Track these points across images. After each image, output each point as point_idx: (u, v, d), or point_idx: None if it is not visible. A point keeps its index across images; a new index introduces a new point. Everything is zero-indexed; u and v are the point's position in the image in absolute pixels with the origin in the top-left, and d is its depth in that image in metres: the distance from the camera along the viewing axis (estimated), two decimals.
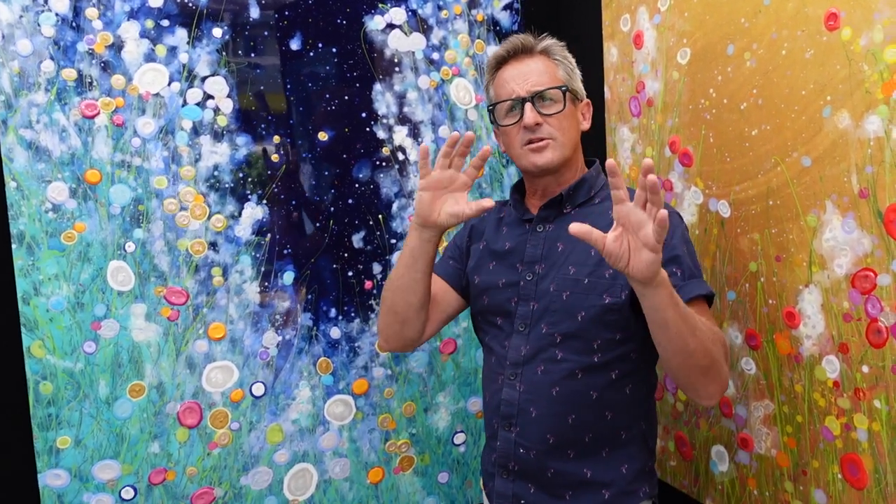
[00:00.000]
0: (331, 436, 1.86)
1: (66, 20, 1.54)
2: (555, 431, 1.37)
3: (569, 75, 1.45)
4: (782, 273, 1.40)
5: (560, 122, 1.41)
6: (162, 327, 1.66)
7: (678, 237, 1.34)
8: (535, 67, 1.42)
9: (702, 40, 1.54)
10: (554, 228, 1.44)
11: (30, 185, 1.53)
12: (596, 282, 1.36)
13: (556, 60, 1.45)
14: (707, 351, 1.21)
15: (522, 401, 1.40)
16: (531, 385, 1.39)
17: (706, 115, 1.54)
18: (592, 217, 1.40)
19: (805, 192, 1.33)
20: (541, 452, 1.39)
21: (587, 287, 1.36)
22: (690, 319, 1.18)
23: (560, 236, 1.42)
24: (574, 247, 1.39)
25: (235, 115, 1.71)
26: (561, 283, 1.38)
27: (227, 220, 1.71)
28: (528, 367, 1.40)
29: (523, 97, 1.40)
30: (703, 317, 1.29)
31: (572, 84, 1.44)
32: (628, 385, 1.39)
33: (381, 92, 1.86)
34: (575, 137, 1.44)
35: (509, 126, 1.43)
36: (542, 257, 1.43)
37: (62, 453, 1.58)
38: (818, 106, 1.28)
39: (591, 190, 1.46)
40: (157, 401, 1.67)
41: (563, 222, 1.43)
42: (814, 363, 1.35)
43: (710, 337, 1.23)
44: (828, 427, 1.34)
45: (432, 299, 1.55)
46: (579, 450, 1.38)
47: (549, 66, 1.43)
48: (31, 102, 1.52)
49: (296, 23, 1.77)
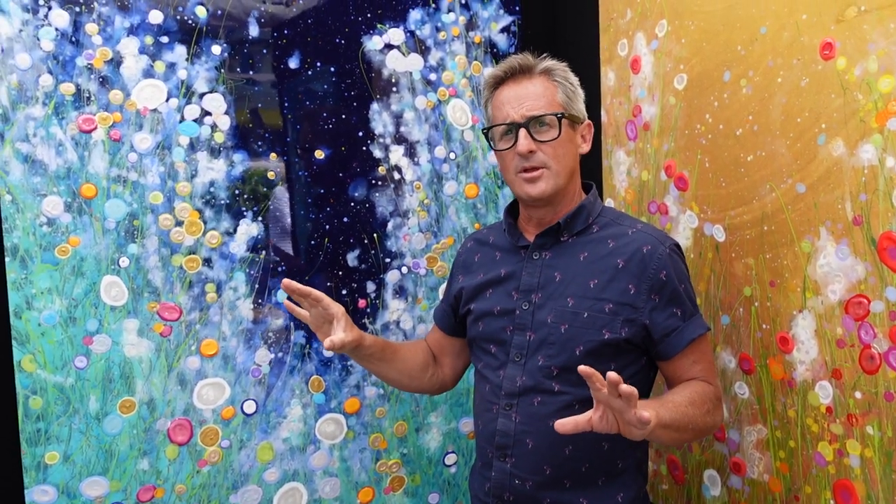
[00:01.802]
0: (321, 455, 1.84)
1: (65, 35, 1.54)
2: (552, 462, 1.36)
3: (569, 98, 1.41)
4: (776, 298, 1.41)
5: (555, 150, 1.38)
6: (154, 343, 1.65)
7: (675, 277, 1.36)
8: (533, 91, 1.39)
9: (698, 66, 1.55)
10: (551, 257, 1.42)
11: (25, 199, 1.52)
12: (596, 316, 1.34)
13: (556, 82, 1.41)
14: (702, 430, 1.31)
15: (518, 432, 1.38)
16: (527, 416, 1.37)
17: (702, 141, 1.56)
18: (591, 246, 1.39)
19: (799, 218, 1.34)
20: (537, 483, 1.37)
21: (586, 321, 1.34)
22: (685, 421, 1.25)
23: (558, 265, 1.40)
24: (573, 277, 1.38)
25: (233, 132, 1.71)
26: (559, 316, 1.36)
27: (221, 236, 1.71)
28: (525, 399, 1.38)
29: (518, 122, 1.37)
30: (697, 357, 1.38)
31: (571, 108, 1.41)
32: None
33: (378, 111, 1.87)
34: (570, 165, 1.42)
35: (504, 151, 1.41)
36: (539, 286, 1.40)
37: (50, 469, 1.56)
38: (813, 134, 1.29)
39: (588, 217, 1.43)
40: (148, 417, 1.65)
41: (561, 250, 1.42)
42: (807, 388, 1.36)
43: (704, 412, 1.30)
44: (820, 453, 1.34)
45: (440, 347, 1.65)
46: (576, 479, 1.37)
47: (549, 89, 1.40)
48: (28, 116, 1.52)
49: (294, 42, 1.78)
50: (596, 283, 1.36)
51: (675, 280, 1.35)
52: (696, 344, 1.37)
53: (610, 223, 1.43)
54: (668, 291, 1.34)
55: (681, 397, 1.28)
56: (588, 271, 1.37)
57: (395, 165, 1.90)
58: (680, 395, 1.29)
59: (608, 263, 1.36)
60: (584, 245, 1.40)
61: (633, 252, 1.35)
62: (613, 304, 1.34)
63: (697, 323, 1.37)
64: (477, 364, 1.52)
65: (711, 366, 1.41)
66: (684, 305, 1.36)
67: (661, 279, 1.34)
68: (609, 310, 1.34)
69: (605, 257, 1.37)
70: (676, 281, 1.35)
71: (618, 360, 1.35)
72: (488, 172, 2.00)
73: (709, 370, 1.39)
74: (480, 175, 1.99)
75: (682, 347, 1.35)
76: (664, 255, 1.35)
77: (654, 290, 1.34)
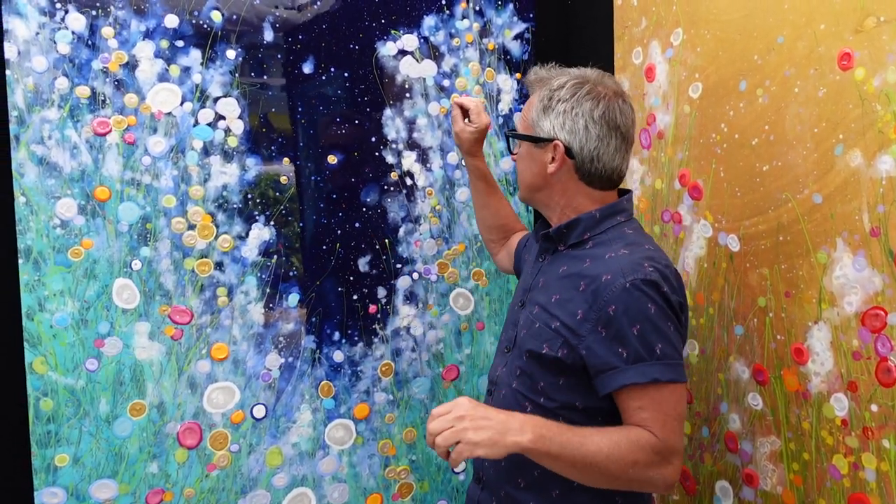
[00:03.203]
0: (330, 460, 1.84)
1: (81, 38, 1.55)
2: (511, 456, 1.25)
3: (543, 114, 1.37)
4: (791, 309, 1.40)
5: (518, 164, 1.48)
6: (165, 346, 1.65)
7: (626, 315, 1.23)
8: (528, 104, 1.45)
9: (714, 75, 1.55)
10: (547, 263, 1.44)
11: (39, 201, 1.52)
12: (543, 329, 1.34)
13: (542, 100, 1.38)
14: (626, 480, 1.22)
15: None
16: (496, 404, 1.40)
17: (717, 150, 1.55)
18: (572, 261, 1.36)
19: (816, 228, 1.33)
20: (497, 471, 1.41)
21: (536, 332, 1.35)
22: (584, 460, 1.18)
23: (546, 272, 1.43)
24: (546, 288, 1.39)
25: (246, 136, 1.71)
26: (525, 320, 1.41)
27: (233, 240, 1.71)
28: (497, 388, 1.45)
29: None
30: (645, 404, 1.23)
31: (536, 126, 1.38)
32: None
33: (391, 117, 1.87)
34: (529, 180, 1.43)
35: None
36: (531, 288, 1.45)
37: (60, 471, 1.56)
38: (830, 144, 1.29)
39: (584, 232, 1.37)
40: (158, 420, 1.65)
41: (554, 258, 1.42)
42: (822, 400, 1.35)
43: (627, 462, 1.19)
44: (835, 465, 1.33)
45: (511, 242, 1.81)
46: (529, 481, 1.36)
47: (532, 104, 1.42)
48: (43, 118, 1.52)
49: (309, 47, 1.78)
50: (556, 299, 1.34)
51: (622, 318, 1.23)
52: (641, 391, 1.23)
53: (605, 242, 1.35)
54: (613, 328, 1.24)
55: (594, 434, 1.20)
56: (556, 285, 1.36)
57: (408, 171, 1.89)
58: (594, 433, 1.21)
59: (573, 283, 1.32)
60: (569, 259, 1.37)
61: (594, 277, 1.28)
62: (560, 324, 1.31)
63: (643, 371, 1.22)
64: None
65: (666, 418, 1.23)
66: (630, 347, 1.23)
67: (608, 313, 1.24)
68: (555, 327, 1.31)
69: (573, 276, 1.33)
70: (625, 319, 1.23)
71: (564, 375, 1.31)
72: (500, 179, 2.00)
73: (658, 420, 1.23)
74: None
75: (612, 389, 1.24)
76: (618, 288, 1.24)
77: (601, 323, 1.25)
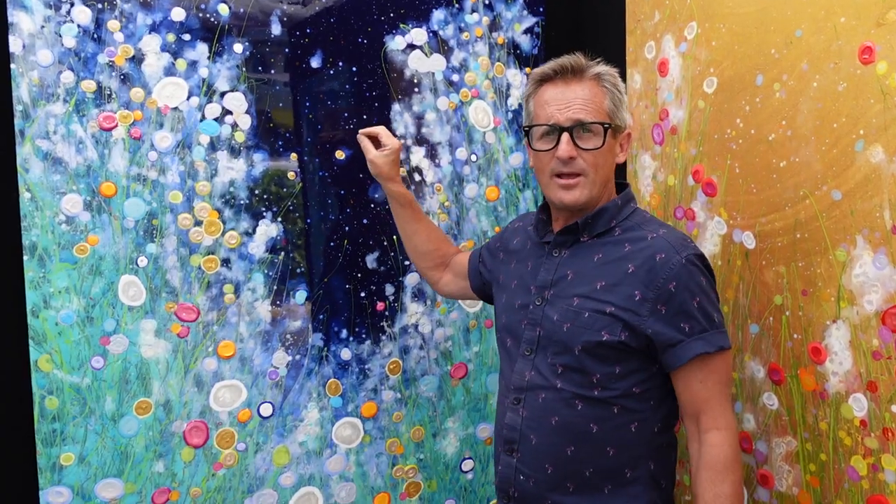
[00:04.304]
0: (338, 459, 1.82)
1: (87, 31, 1.53)
2: (553, 462, 1.33)
3: (615, 106, 1.36)
4: (808, 307, 1.37)
5: (595, 159, 1.34)
6: (171, 344, 1.63)
7: (687, 290, 1.28)
8: (581, 94, 1.33)
9: (729, 70, 1.52)
10: (568, 255, 1.40)
11: (44, 197, 1.50)
12: (596, 317, 1.31)
13: (604, 88, 1.35)
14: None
15: (524, 427, 1.37)
16: (533, 412, 1.36)
17: (732, 146, 1.52)
18: (608, 248, 1.36)
19: (835, 226, 1.30)
20: (540, 482, 1.35)
21: (586, 321, 1.32)
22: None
23: (572, 264, 1.39)
24: (583, 277, 1.36)
25: (253, 132, 1.69)
26: (563, 314, 1.35)
27: (241, 236, 1.69)
28: (531, 394, 1.37)
29: (562, 125, 1.33)
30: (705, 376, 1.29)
31: (616, 117, 1.36)
32: (633, 422, 1.32)
33: (400, 112, 1.84)
34: (608, 174, 1.38)
35: (542, 152, 1.38)
36: (552, 283, 1.39)
37: (65, 470, 1.54)
38: (850, 139, 1.26)
39: (611, 220, 1.38)
40: (164, 419, 1.63)
41: (578, 250, 1.39)
42: (840, 400, 1.32)
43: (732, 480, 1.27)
44: (853, 467, 1.31)
45: (455, 265, 1.72)
46: (579, 483, 1.33)
47: (597, 95, 1.34)
48: (48, 113, 1.50)
49: (317, 41, 1.75)
50: (603, 285, 1.32)
51: (684, 292, 1.27)
52: (703, 361, 1.28)
53: (634, 227, 1.37)
54: (675, 304, 1.27)
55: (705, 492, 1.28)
56: (598, 272, 1.34)
57: (416, 167, 1.87)
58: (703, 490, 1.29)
59: (619, 267, 1.33)
60: (601, 246, 1.37)
61: (645, 258, 1.30)
62: (616, 308, 1.30)
63: (709, 340, 1.28)
64: (500, 359, 1.53)
65: (723, 388, 1.30)
66: (693, 321, 1.27)
67: (669, 290, 1.27)
68: (610, 312, 1.30)
69: (618, 261, 1.33)
70: (687, 294, 1.27)
71: (621, 363, 1.31)
72: (509, 175, 1.97)
73: (718, 395, 1.29)
74: (501, 178, 1.96)
75: (684, 362, 1.27)
76: (676, 265, 1.28)
77: (661, 301, 1.28)
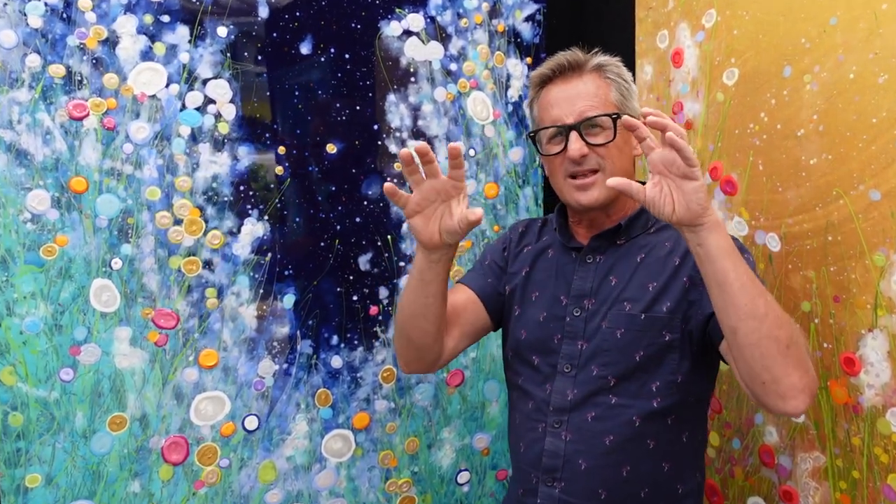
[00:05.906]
0: (328, 474, 1.71)
1: (55, 11, 1.39)
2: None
3: (623, 96, 1.30)
4: (841, 315, 1.29)
5: (609, 152, 1.27)
6: (148, 353, 1.50)
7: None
8: (584, 90, 1.28)
9: (753, 60, 1.42)
10: (604, 260, 1.31)
11: (7, 193, 1.37)
12: (654, 318, 1.24)
13: (608, 79, 1.30)
14: (781, 320, 1.05)
15: (570, 451, 1.26)
16: (580, 434, 1.26)
17: (755, 141, 1.43)
18: (648, 248, 1.30)
19: (872, 228, 1.22)
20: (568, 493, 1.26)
21: (644, 324, 1.24)
22: (756, 280, 1.05)
23: (613, 269, 1.30)
24: (629, 282, 1.28)
25: (238, 123, 1.56)
26: (615, 321, 1.26)
27: (224, 236, 1.57)
28: (577, 414, 1.26)
29: (568, 125, 1.26)
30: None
31: (626, 107, 1.30)
32: (685, 431, 1.27)
33: (395, 103, 1.73)
34: (626, 168, 1.30)
35: (552, 155, 1.30)
36: (593, 292, 1.30)
37: (31, 493, 1.42)
38: (891, 136, 1.17)
39: (648, 221, 1.33)
40: (140, 435, 1.51)
41: (616, 253, 1.31)
42: (876, 415, 1.24)
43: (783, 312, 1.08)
44: (890, 486, 1.22)
45: (458, 311, 1.40)
46: (611, 487, 1.25)
47: (601, 88, 1.29)
48: (12, 100, 1.36)
49: (307, 25, 1.63)
50: (655, 286, 1.25)
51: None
52: None
53: (666, 225, 1.31)
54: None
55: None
56: (646, 274, 1.27)
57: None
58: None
59: (667, 264, 1.27)
60: (641, 248, 1.30)
61: (687, 247, 1.23)
62: (671, 304, 1.23)
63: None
64: (516, 379, 1.39)
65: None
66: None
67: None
68: (667, 309, 1.23)
69: (664, 258, 1.27)
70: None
71: (682, 363, 1.23)
72: (509, 171, 1.87)
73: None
74: (501, 174, 1.86)
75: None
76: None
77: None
